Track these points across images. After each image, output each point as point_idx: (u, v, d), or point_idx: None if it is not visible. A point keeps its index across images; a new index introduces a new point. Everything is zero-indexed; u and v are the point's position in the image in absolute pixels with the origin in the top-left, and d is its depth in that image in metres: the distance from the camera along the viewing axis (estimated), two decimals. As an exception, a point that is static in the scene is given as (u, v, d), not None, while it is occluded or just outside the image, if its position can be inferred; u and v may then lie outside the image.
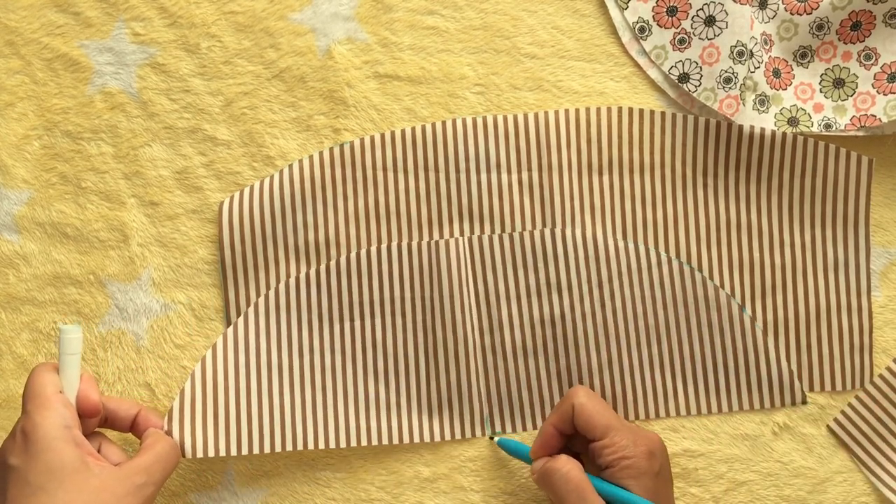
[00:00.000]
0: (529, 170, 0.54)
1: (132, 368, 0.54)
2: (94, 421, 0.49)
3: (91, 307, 0.55)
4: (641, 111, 0.54)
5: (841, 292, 0.54)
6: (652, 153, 0.54)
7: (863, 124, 0.54)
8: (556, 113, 0.54)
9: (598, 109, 0.54)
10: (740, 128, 0.53)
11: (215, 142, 0.55)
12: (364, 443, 0.53)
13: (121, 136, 0.55)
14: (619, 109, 0.54)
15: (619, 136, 0.54)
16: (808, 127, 0.54)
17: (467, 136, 0.54)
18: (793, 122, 0.54)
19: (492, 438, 0.54)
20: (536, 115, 0.54)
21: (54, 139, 0.55)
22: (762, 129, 0.53)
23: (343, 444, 0.53)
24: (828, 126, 0.54)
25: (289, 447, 0.52)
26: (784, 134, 0.53)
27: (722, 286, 0.54)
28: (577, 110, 0.54)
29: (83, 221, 0.55)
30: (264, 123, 0.55)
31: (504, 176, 0.54)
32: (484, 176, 0.54)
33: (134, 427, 0.50)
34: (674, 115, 0.54)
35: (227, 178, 0.55)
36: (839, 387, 0.54)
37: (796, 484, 0.55)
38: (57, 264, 0.55)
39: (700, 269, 0.54)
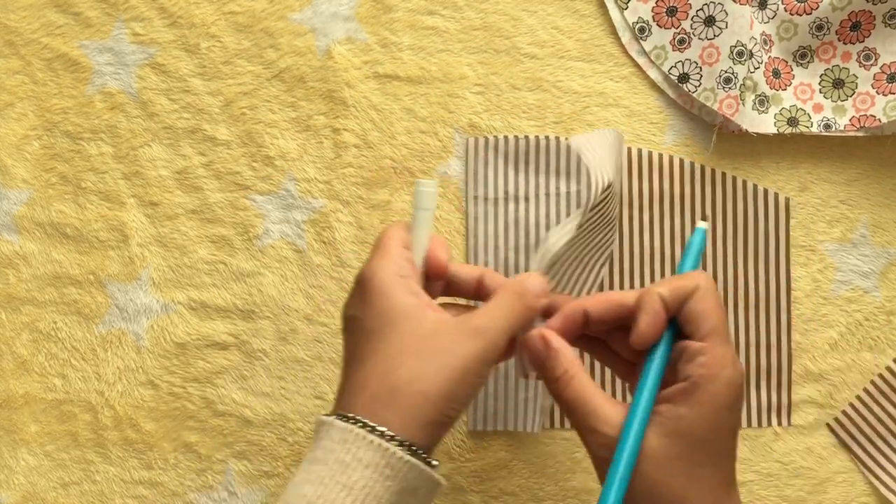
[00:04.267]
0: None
1: (132, 368, 0.54)
2: (439, 285, 0.45)
3: (91, 307, 0.55)
4: (568, 140, 0.54)
5: (761, 330, 0.54)
6: (578, 184, 0.54)
7: (862, 125, 0.54)
8: (486, 139, 0.54)
9: (527, 138, 0.54)
10: (662, 158, 0.53)
11: (215, 142, 0.55)
12: None
13: (121, 136, 0.55)
14: (547, 138, 0.54)
15: (546, 165, 0.54)
16: (807, 127, 0.54)
17: None
18: (792, 122, 0.54)
19: None
20: (468, 141, 0.54)
21: (54, 139, 0.55)
22: (682, 161, 0.54)
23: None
24: (827, 126, 0.54)
25: None
26: (704, 168, 0.54)
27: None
28: (505, 137, 0.54)
29: (83, 221, 0.55)
30: (264, 123, 0.55)
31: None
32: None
33: (479, 291, 0.45)
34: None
35: (226, 178, 0.55)
36: (755, 423, 0.54)
37: (796, 484, 0.55)
38: (57, 264, 0.55)
39: None
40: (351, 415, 0.38)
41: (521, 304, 0.42)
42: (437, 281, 0.44)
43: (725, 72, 0.52)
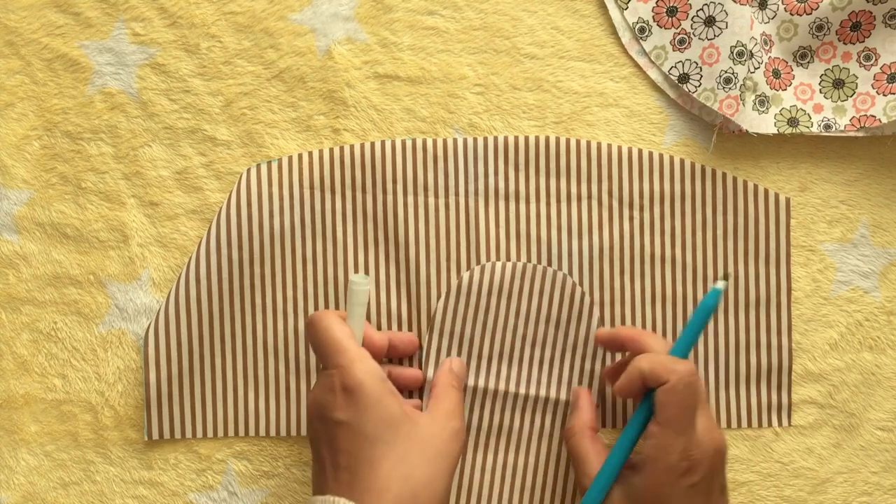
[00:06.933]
0: (456, 194, 0.54)
1: (132, 368, 0.54)
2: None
3: (91, 307, 0.55)
4: (568, 140, 0.54)
5: (761, 330, 0.54)
6: (579, 184, 0.54)
7: (862, 125, 0.54)
8: (486, 139, 0.54)
9: (527, 138, 0.54)
10: (662, 158, 0.53)
11: (215, 142, 0.55)
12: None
13: (121, 137, 0.55)
14: (547, 138, 0.54)
15: (547, 166, 0.54)
16: (807, 128, 0.54)
17: (395, 158, 0.54)
18: (792, 122, 0.54)
19: None
20: (465, 141, 0.54)
21: (54, 139, 0.55)
22: (682, 161, 0.54)
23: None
24: (827, 127, 0.54)
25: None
26: (704, 168, 0.54)
27: (644, 319, 0.54)
28: (505, 137, 0.54)
29: (83, 221, 0.55)
30: (264, 124, 0.55)
31: (431, 199, 0.54)
32: (411, 198, 0.54)
33: (389, 352, 0.52)
34: (599, 145, 0.54)
35: (227, 179, 0.55)
36: (755, 424, 0.54)
37: (796, 484, 0.55)
38: (57, 264, 0.55)
39: (623, 302, 0.54)
40: None
41: (461, 393, 0.50)
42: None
43: (725, 72, 0.52)
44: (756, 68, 0.53)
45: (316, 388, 0.46)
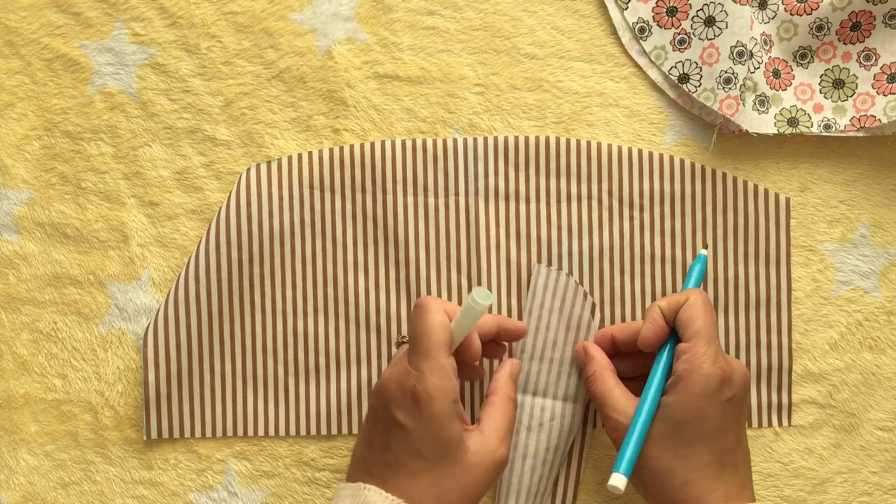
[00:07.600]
0: (456, 194, 0.54)
1: (132, 368, 0.54)
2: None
3: (91, 307, 0.55)
4: (568, 140, 0.54)
5: (761, 330, 0.54)
6: (579, 183, 0.54)
7: (862, 125, 0.54)
8: (486, 139, 0.54)
9: (527, 138, 0.54)
10: (662, 158, 0.53)
11: (215, 142, 0.55)
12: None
13: (121, 137, 0.55)
14: (547, 138, 0.54)
15: (547, 165, 0.54)
16: (807, 127, 0.54)
17: (395, 158, 0.54)
18: (792, 122, 0.54)
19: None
20: (465, 141, 0.54)
21: (54, 139, 0.55)
22: (682, 161, 0.54)
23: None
24: (827, 127, 0.54)
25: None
26: (704, 168, 0.54)
27: (644, 318, 0.54)
28: (505, 137, 0.54)
29: (83, 221, 0.55)
30: (264, 123, 0.55)
31: (431, 199, 0.54)
32: (410, 199, 0.54)
33: (498, 334, 0.51)
34: (599, 145, 0.54)
35: (227, 178, 0.55)
36: (756, 423, 0.54)
37: (796, 484, 0.55)
38: (57, 264, 0.55)
39: (623, 302, 0.54)
40: None
41: (516, 406, 0.50)
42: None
43: (725, 72, 0.52)
44: (756, 68, 0.53)
45: (394, 373, 0.46)
